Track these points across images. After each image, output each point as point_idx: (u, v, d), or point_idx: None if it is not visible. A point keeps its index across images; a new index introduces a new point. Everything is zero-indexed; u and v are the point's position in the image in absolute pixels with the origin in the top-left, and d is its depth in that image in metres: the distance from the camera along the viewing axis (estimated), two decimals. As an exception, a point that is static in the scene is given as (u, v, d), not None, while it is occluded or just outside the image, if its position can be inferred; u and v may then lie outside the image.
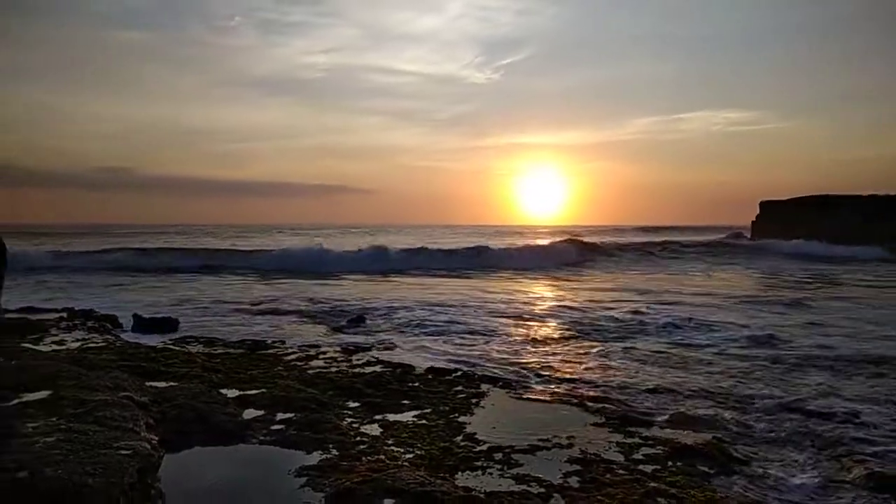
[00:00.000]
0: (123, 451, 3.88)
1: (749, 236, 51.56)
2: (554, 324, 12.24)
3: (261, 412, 5.78)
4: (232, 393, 6.37)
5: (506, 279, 22.83)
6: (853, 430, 5.69)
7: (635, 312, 13.38)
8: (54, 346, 8.95)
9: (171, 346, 9.17)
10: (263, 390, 6.47)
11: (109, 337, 9.87)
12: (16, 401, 4.82)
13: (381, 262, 26.86)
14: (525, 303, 15.58)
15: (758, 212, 51.00)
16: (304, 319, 12.62)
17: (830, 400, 6.72)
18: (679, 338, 10.58)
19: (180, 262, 24.78)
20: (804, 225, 43.62)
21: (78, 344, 9.09)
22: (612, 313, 13.33)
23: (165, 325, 10.81)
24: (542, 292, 18.68)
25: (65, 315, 12.17)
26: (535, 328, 11.75)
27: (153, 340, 9.68)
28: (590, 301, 15.82)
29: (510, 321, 12.53)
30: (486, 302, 15.52)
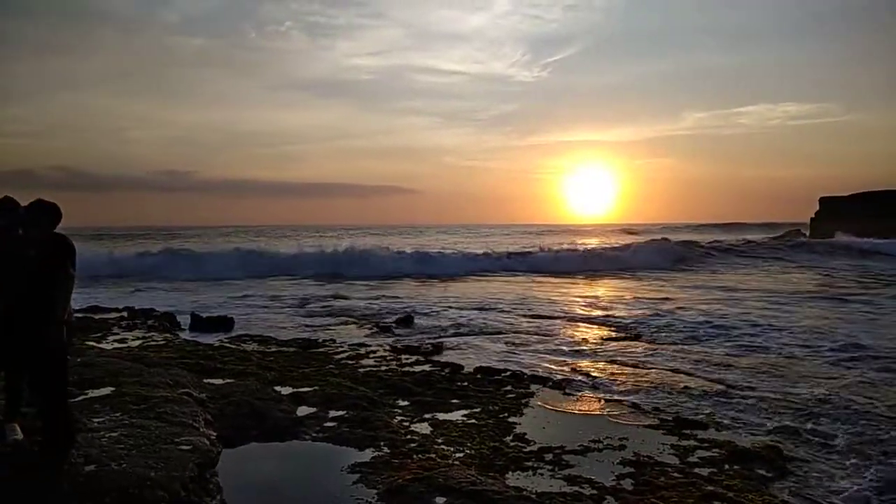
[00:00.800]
0: (184, 447, 4.00)
1: (808, 234, 49.87)
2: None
3: (314, 409, 5.88)
4: (286, 390, 6.50)
5: (611, 281, 22.28)
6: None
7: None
8: (116, 345, 9.30)
9: (227, 345, 9.41)
10: (316, 388, 6.58)
11: (168, 335, 10.20)
12: (81, 397, 5.03)
13: (489, 263, 27.70)
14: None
15: (817, 208, 49.26)
16: (356, 321, 12.77)
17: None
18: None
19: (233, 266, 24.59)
20: (865, 221, 41.97)
21: (138, 342, 9.42)
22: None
23: (221, 324, 11.11)
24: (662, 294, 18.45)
25: (126, 314, 12.64)
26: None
27: (210, 339, 9.95)
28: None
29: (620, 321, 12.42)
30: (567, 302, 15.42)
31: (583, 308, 14.49)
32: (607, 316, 13.06)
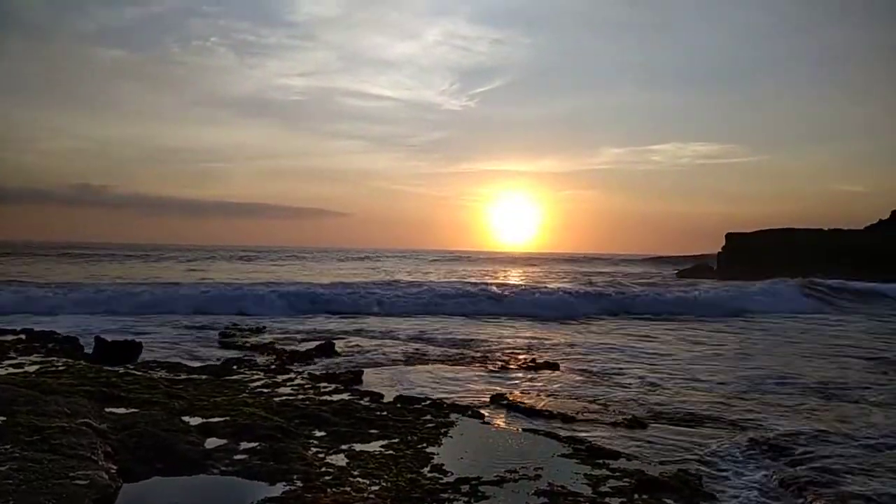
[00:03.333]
0: (80, 482, 3.75)
1: (714, 267, 52.50)
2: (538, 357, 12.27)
3: (224, 441, 5.64)
4: (195, 420, 6.22)
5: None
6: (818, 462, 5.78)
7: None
8: (11, 370, 8.68)
9: (134, 371, 8.94)
10: (227, 418, 6.33)
11: (70, 360, 9.61)
12: (-33, 428, 4.64)
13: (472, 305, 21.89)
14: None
15: (723, 243, 51.98)
16: (273, 349, 12.45)
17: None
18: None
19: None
20: (768, 257, 44.66)
21: (36, 367, 8.83)
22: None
23: (128, 349, 10.55)
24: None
25: (24, 337, 11.84)
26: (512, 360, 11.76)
27: (115, 365, 9.43)
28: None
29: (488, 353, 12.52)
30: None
31: (511, 339, 14.68)
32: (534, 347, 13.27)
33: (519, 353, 12.20)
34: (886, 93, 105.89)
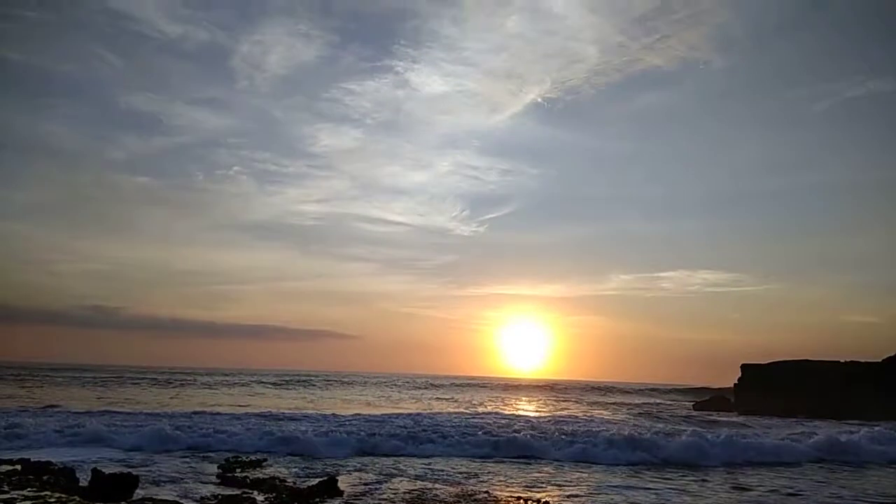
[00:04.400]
0: None
1: (732, 399, 51.05)
2: None
3: None
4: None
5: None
6: None
7: None
8: (1, 506, 8.40)
9: (128, 509, 8.63)
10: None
11: (63, 495, 9.31)
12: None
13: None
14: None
15: (739, 374, 50.86)
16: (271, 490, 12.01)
17: None
18: None
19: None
20: (786, 390, 43.59)
21: (28, 503, 8.54)
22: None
23: (124, 483, 10.22)
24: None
25: (19, 468, 11.53)
26: None
27: (109, 501, 9.12)
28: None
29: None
30: None
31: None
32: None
33: None
34: (887, 227, 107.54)
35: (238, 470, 13.16)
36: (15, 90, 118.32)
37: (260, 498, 10.33)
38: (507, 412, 34.62)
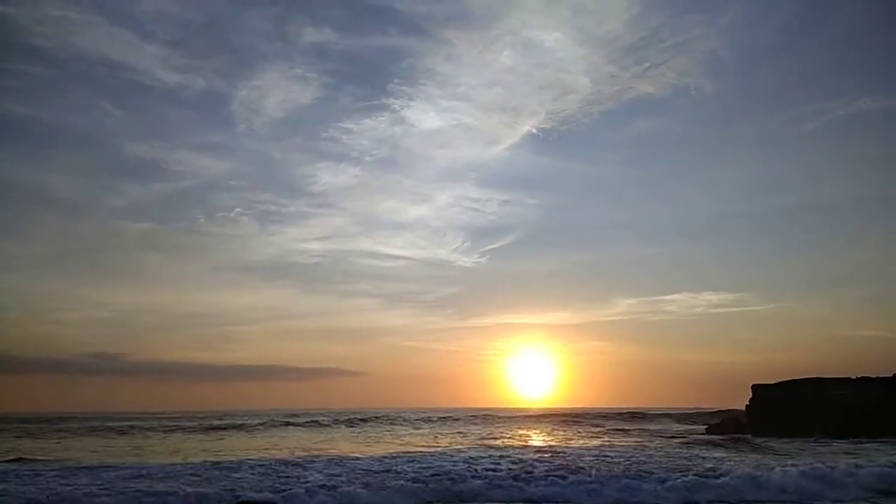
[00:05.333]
0: None
1: (745, 421, 50.30)
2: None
3: None
4: None
5: None
6: None
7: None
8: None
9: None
10: None
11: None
12: None
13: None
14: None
15: (750, 395, 50.19)
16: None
17: None
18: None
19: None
20: (799, 410, 43.00)
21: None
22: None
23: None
24: None
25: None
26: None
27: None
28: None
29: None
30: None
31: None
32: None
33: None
34: (887, 241, 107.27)
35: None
36: (18, 144, 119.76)
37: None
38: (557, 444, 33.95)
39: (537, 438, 46.03)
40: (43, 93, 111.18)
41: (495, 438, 44.18)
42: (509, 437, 45.19)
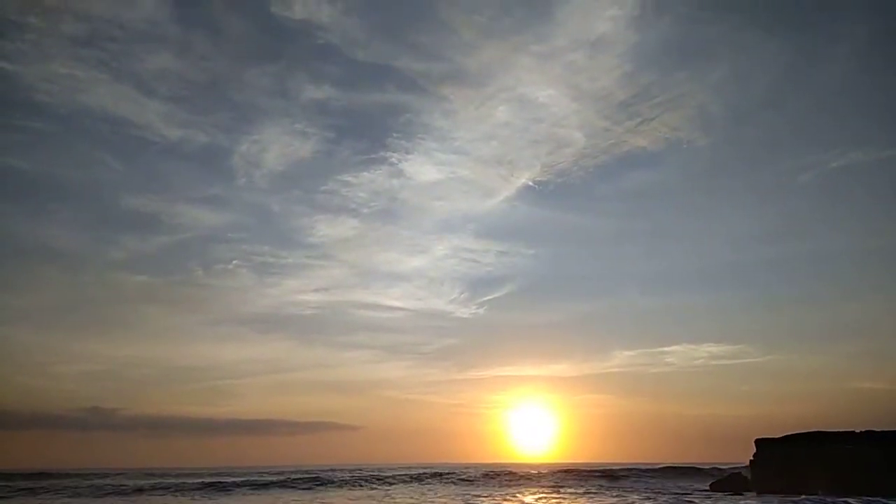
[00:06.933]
0: None
1: (749, 477, 49.60)
2: None
3: None
4: None
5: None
6: None
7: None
8: None
9: None
10: None
11: None
12: None
13: None
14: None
15: (754, 450, 49.62)
16: None
17: None
18: None
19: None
20: (804, 465, 42.53)
21: None
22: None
23: None
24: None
25: None
26: None
27: None
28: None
29: None
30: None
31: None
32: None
33: None
34: (886, 294, 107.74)
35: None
36: (19, 198, 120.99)
37: None
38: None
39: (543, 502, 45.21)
40: (45, 148, 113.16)
41: None
42: None
